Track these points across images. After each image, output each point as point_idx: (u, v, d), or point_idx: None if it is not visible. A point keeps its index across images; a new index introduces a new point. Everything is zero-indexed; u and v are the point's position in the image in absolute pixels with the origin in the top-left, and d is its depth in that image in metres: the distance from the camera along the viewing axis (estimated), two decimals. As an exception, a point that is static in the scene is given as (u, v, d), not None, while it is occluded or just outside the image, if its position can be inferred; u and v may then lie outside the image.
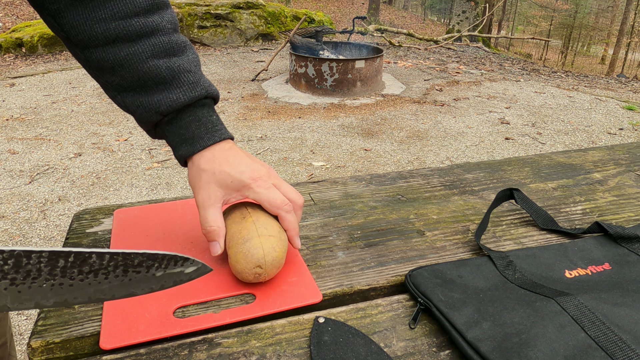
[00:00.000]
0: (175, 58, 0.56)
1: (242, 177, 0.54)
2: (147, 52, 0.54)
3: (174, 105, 0.55)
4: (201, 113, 0.57)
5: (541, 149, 3.53)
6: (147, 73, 0.54)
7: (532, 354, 0.42)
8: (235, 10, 7.22)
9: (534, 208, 0.69)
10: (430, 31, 14.90)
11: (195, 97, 0.56)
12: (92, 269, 0.36)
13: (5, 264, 0.33)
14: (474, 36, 8.88)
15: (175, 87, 0.55)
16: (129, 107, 0.57)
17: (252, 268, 0.50)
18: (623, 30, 16.49)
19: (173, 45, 0.56)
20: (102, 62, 0.55)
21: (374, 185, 0.80)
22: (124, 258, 0.37)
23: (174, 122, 0.57)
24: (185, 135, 0.56)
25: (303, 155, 3.30)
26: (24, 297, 0.35)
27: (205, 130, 0.56)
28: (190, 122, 0.56)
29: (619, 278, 0.54)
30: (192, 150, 0.56)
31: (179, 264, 0.41)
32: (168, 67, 0.55)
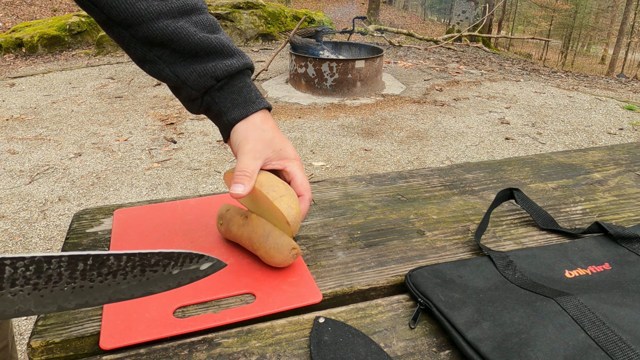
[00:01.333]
0: (217, 34, 0.60)
1: (290, 151, 0.61)
2: (194, 26, 0.58)
3: (229, 70, 0.59)
4: (249, 80, 0.62)
5: (541, 149, 3.53)
6: (198, 44, 0.58)
7: (532, 354, 0.42)
8: (235, 10, 7.22)
9: (534, 208, 0.69)
10: (430, 31, 14.90)
11: (246, 64, 0.61)
12: (111, 270, 0.37)
13: (27, 270, 0.34)
14: (474, 36, 8.88)
15: (227, 55, 0.60)
16: (179, 76, 0.59)
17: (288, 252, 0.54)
18: (623, 30, 16.49)
19: (212, 23, 0.61)
20: (151, 37, 0.57)
21: (374, 185, 0.80)
22: (141, 258, 0.38)
23: (226, 88, 0.60)
24: (238, 99, 0.60)
25: (303, 155, 3.30)
26: (47, 301, 0.36)
27: (256, 96, 0.61)
28: (242, 87, 0.61)
29: (619, 278, 0.54)
30: (245, 113, 0.60)
31: (194, 261, 0.41)
32: (216, 38, 0.59)
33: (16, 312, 0.35)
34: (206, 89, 0.60)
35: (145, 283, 0.40)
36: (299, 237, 0.64)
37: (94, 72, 5.46)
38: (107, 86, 4.92)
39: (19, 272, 0.34)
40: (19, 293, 0.34)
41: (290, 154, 0.61)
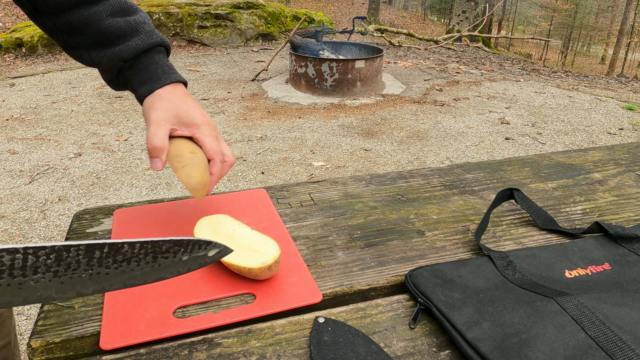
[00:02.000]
0: (130, 16, 0.65)
1: (196, 117, 0.63)
2: (107, 11, 0.63)
3: (134, 51, 0.63)
4: (158, 57, 0.65)
5: (541, 149, 3.53)
6: (108, 29, 0.63)
7: (532, 354, 0.42)
8: (235, 10, 7.22)
9: (534, 208, 0.69)
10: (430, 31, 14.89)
11: (152, 43, 0.65)
12: (125, 257, 0.40)
13: (49, 259, 0.37)
14: (474, 36, 8.88)
15: (135, 36, 0.64)
16: (94, 60, 0.65)
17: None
18: (623, 30, 16.49)
19: (127, 6, 0.65)
20: (69, 24, 0.63)
21: (374, 185, 0.80)
22: (153, 245, 0.41)
23: (135, 67, 0.65)
24: (146, 76, 0.64)
25: (303, 155, 3.30)
26: (66, 287, 0.39)
27: (163, 72, 0.65)
28: (149, 64, 0.65)
29: (619, 278, 0.54)
30: (152, 88, 0.64)
31: (202, 248, 0.44)
32: (126, 21, 0.64)
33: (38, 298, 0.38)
34: (117, 69, 0.65)
35: (157, 269, 0.42)
36: (299, 237, 0.64)
37: (94, 72, 5.46)
38: (107, 86, 4.92)
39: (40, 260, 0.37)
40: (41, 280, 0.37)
41: (197, 119, 0.63)
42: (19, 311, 1.84)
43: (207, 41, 7.05)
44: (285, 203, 0.74)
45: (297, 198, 0.75)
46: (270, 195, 0.76)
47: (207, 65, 5.96)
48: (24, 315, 1.82)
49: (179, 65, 5.87)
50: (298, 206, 0.73)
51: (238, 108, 4.31)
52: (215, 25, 7.11)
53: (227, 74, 5.55)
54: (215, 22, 7.11)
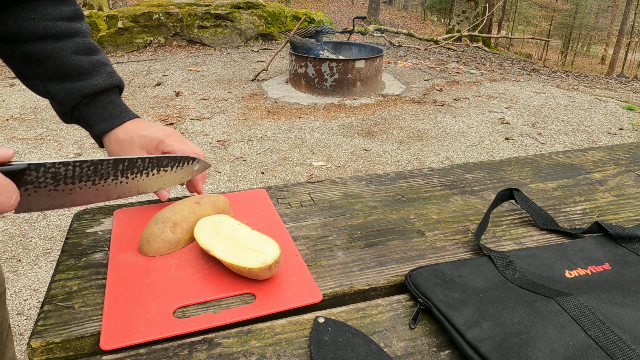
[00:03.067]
0: (93, 56, 0.68)
1: (157, 135, 0.66)
2: (72, 49, 0.66)
3: (95, 89, 0.67)
4: (115, 97, 0.70)
5: (541, 149, 3.53)
6: (71, 65, 0.65)
7: (532, 354, 0.42)
8: (235, 10, 7.22)
9: (534, 208, 0.69)
10: (430, 31, 14.89)
11: (112, 83, 0.69)
12: (139, 169, 0.55)
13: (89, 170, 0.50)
14: (474, 36, 8.88)
15: (96, 75, 0.67)
16: (50, 92, 0.67)
17: None
18: (623, 30, 16.49)
19: (92, 46, 0.69)
20: (28, 54, 0.65)
21: (374, 185, 0.80)
22: (157, 160, 0.56)
23: (92, 104, 0.68)
24: (104, 114, 0.68)
25: (303, 155, 3.30)
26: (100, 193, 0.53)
27: (120, 111, 0.69)
28: (107, 103, 0.68)
29: (619, 278, 0.54)
30: (109, 126, 0.68)
31: (190, 162, 0.61)
32: (89, 60, 0.67)
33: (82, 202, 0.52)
34: (74, 104, 0.67)
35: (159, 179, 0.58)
36: (299, 237, 0.64)
37: (94, 72, 5.45)
38: (107, 86, 4.92)
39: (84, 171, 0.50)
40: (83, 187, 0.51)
41: (159, 136, 0.66)
42: (19, 311, 1.84)
43: (207, 41, 7.05)
44: (285, 203, 0.74)
45: (297, 198, 0.75)
46: (270, 195, 0.76)
47: (207, 65, 5.96)
48: (24, 315, 1.82)
49: (179, 65, 5.87)
50: (298, 206, 0.73)
51: (238, 108, 4.31)
52: (215, 25, 7.11)
53: (227, 74, 5.55)
54: (215, 22, 7.11)
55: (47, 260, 2.15)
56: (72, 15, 0.67)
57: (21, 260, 2.15)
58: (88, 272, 0.56)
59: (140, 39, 6.71)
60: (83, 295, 0.52)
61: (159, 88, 4.86)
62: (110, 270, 0.55)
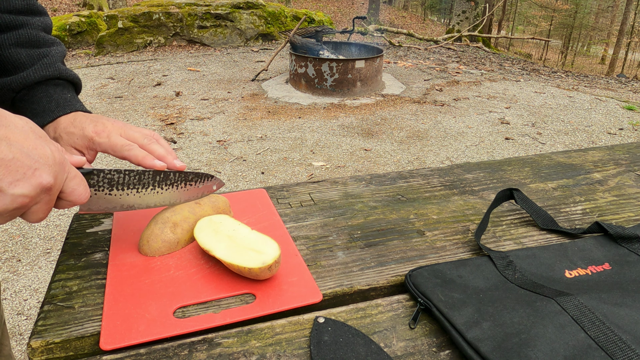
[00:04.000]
0: (37, 49, 0.63)
1: (85, 133, 0.59)
2: (12, 40, 0.62)
3: (24, 82, 0.62)
4: (53, 91, 0.63)
5: (541, 149, 3.53)
6: (7, 58, 0.62)
7: (532, 354, 0.42)
8: (235, 10, 7.22)
9: (534, 208, 0.69)
10: (430, 31, 14.89)
11: (45, 75, 0.63)
12: (171, 182, 0.58)
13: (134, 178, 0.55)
14: (474, 36, 8.88)
15: (29, 68, 0.62)
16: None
17: None
18: (623, 30, 16.49)
19: (38, 39, 0.64)
20: None
21: (374, 185, 0.80)
22: (184, 175, 0.59)
23: (27, 98, 0.63)
24: (37, 109, 0.62)
25: (303, 155, 3.30)
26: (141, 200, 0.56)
27: (56, 105, 0.63)
28: (42, 97, 0.63)
29: (619, 278, 0.54)
30: (42, 122, 0.61)
31: (209, 179, 0.63)
32: (28, 54, 0.63)
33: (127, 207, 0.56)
34: (10, 100, 0.63)
35: (186, 192, 0.60)
36: (299, 237, 0.64)
37: (94, 72, 5.46)
38: (107, 86, 4.92)
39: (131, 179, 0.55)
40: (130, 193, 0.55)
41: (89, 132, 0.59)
42: (19, 311, 1.84)
43: (207, 41, 7.05)
44: (285, 203, 0.74)
45: (297, 198, 0.75)
46: (270, 195, 0.76)
47: (207, 65, 5.96)
48: (24, 315, 1.82)
49: (179, 65, 5.87)
50: (298, 206, 0.73)
51: (238, 108, 4.31)
52: (215, 25, 7.11)
53: (227, 74, 5.55)
54: (215, 22, 7.11)
55: (47, 260, 2.15)
56: (23, 9, 0.64)
57: (21, 260, 2.15)
58: (88, 272, 0.56)
59: (140, 39, 6.71)
60: (83, 295, 0.52)
61: (159, 88, 4.86)
62: (110, 270, 0.55)
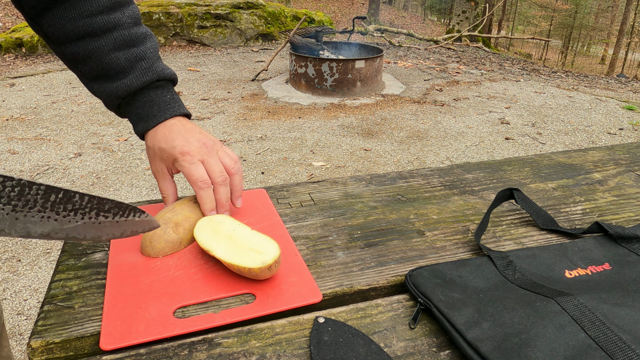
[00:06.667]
0: (134, 49, 0.64)
1: (173, 152, 0.62)
2: (110, 45, 0.63)
3: (128, 90, 0.64)
4: (154, 94, 0.65)
5: (541, 149, 3.53)
6: (109, 64, 0.63)
7: (532, 354, 0.42)
8: (235, 10, 7.22)
9: (534, 208, 0.69)
10: (430, 31, 14.89)
11: (146, 81, 0.64)
12: (74, 207, 0.43)
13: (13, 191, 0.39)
14: (474, 36, 8.88)
15: (131, 74, 0.64)
16: (96, 92, 0.67)
17: None
18: (623, 30, 16.49)
19: (132, 37, 0.65)
20: (74, 55, 0.64)
21: (374, 185, 0.80)
22: (98, 202, 0.45)
23: (131, 104, 0.66)
24: (141, 114, 0.65)
25: (303, 155, 3.30)
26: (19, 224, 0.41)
27: (158, 109, 0.65)
28: (145, 102, 0.65)
29: (619, 278, 0.54)
30: (146, 127, 0.64)
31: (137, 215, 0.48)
32: (126, 58, 0.64)
33: None
34: (116, 105, 0.66)
35: (97, 226, 0.46)
36: (299, 237, 0.64)
37: (94, 72, 5.45)
38: (107, 86, 4.91)
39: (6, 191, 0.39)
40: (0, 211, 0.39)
41: (176, 153, 0.61)
42: (19, 311, 1.84)
43: (207, 41, 7.05)
44: (285, 203, 0.74)
45: (297, 198, 0.75)
46: (270, 195, 0.76)
47: (207, 65, 5.96)
48: (24, 315, 1.82)
49: (179, 65, 5.87)
50: (298, 206, 0.73)
51: (238, 108, 4.31)
52: (215, 25, 7.11)
53: (227, 74, 5.55)
54: (215, 22, 7.11)
55: (47, 260, 2.15)
56: (112, 5, 0.64)
57: (21, 260, 2.15)
58: (88, 272, 0.56)
59: (140, 39, 6.70)
60: (83, 295, 0.52)
61: (159, 88, 4.86)
62: (110, 270, 0.55)
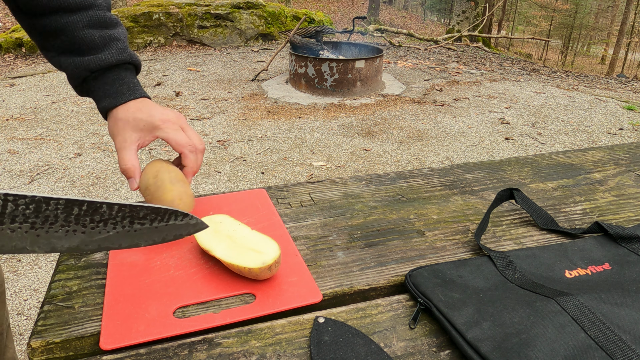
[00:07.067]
0: (107, 30, 0.67)
1: (153, 120, 0.64)
2: (84, 22, 0.65)
3: (102, 64, 0.66)
4: (124, 74, 0.68)
5: (541, 149, 3.53)
6: (82, 39, 0.65)
7: (532, 354, 0.42)
8: (235, 10, 7.22)
9: (534, 208, 0.69)
10: (430, 31, 14.89)
11: (121, 60, 0.67)
12: (102, 218, 0.40)
13: (27, 209, 0.36)
14: (474, 36, 8.88)
15: (105, 50, 0.66)
16: (62, 65, 0.67)
17: None
18: (623, 30, 16.48)
19: (107, 20, 0.67)
20: (45, 27, 0.65)
21: (374, 185, 0.80)
22: (131, 210, 0.41)
23: (100, 79, 0.67)
24: (110, 90, 0.67)
25: (303, 155, 3.30)
26: (41, 240, 0.38)
27: (127, 88, 0.67)
28: (114, 80, 0.67)
29: (619, 278, 0.54)
30: (113, 103, 0.66)
31: (179, 219, 0.44)
32: (101, 35, 0.66)
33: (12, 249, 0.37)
34: (82, 78, 0.67)
35: (132, 234, 0.42)
36: (299, 237, 0.64)
37: (94, 72, 5.45)
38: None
39: (19, 209, 0.36)
40: (17, 230, 0.37)
41: (155, 121, 0.64)
42: (19, 311, 1.84)
43: (207, 41, 7.05)
44: (285, 203, 0.74)
45: (297, 198, 0.75)
46: (270, 195, 0.76)
47: (207, 65, 5.96)
48: (24, 315, 1.82)
49: (179, 65, 5.87)
50: (298, 206, 0.73)
51: (238, 108, 4.31)
52: (215, 25, 7.11)
53: (227, 74, 5.55)
54: (215, 22, 7.11)
55: (47, 260, 2.15)
56: None
57: (21, 260, 2.15)
58: (88, 272, 0.56)
59: (140, 39, 6.71)
60: (83, 295, 0.52)
61: (159, 88, 4.86)
62: (110, 270, 0.55)
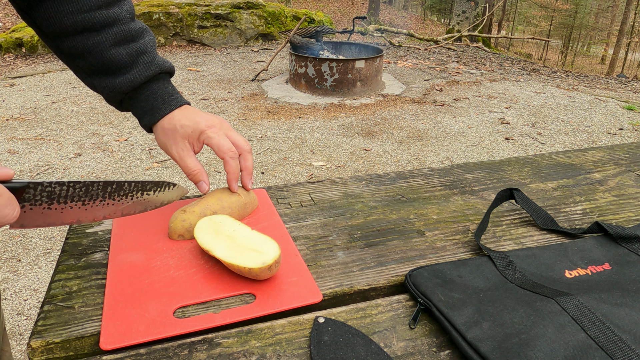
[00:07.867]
0: (134, 43, 0.65)
1: (199, 126, 0.65)
2: (110, 41, 0.63)
3: (132, 85, 0.65)
4: (157, 87, 0.67)
5: (541, 149, 3.53)
6: (110, 59, 0.64)
7: (532, 354, 0.42)
8: (235, 10, 7.22)
9: (534, 208, 0.69)
10: (430, 31, 14.89)
11: (149, 75, 0.66)
12: (125, 192, 0.55)
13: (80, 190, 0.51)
14: (474, 36, 8.88)
15: (133, 68, 0.65)
16: (97, 88, 0.67)
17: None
18: (623, 30, 16.48)
19: (132, 32, 0.65)
20: (72, 49, 0.64)
21: (374, 185, 0.80)
22: (142, 185, 0.57)
23: (135, 98, 0.67)
24: (146, 107, 0.67)
25: (303, 155, 3.30)
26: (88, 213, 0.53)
27: (162, 101, 0.67)
28: (148, 96, 0.67)
29: (619, 278, 0.54)
30: (153, 120, 0.67)
31: (170, 187, 0.61)
32: (128, 52, 0.65)
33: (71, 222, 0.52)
34: (119, 100, 0.67)
35: (142, 202, 0.58)
36: (299, 237, 0.64)
37: (94, 72, 5.45)
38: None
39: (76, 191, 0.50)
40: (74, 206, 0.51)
41: (201, 127, 0.65)
42: (19, 311, 1.84)
43: (207, 41, 7.05)
44: (285, 203, 0.74)
45: (297, 198, 0.75)
46: (270, 195, 0.76)
47: (207, 65, 5.96)
48: (24, 315, 1.82)
49: (179, 65, 5.87)
50: (298, 206, 0.73)
51: (238, 108, 4.31)
52: (215, 25, 7.11)
53: (227, 74, 5.55)
54: (215, 22, 7.11)
55: (47, 260, 2.15)
56: (109, 0, 0.64)
57: (21, 260, 2.15)
58: (88, 272, 0.56)
59: (140, 39, 6.71)
60: (83, 295, 0.52)
61: (159, 88, 4.86)
62: (110, 270, 0.55)
